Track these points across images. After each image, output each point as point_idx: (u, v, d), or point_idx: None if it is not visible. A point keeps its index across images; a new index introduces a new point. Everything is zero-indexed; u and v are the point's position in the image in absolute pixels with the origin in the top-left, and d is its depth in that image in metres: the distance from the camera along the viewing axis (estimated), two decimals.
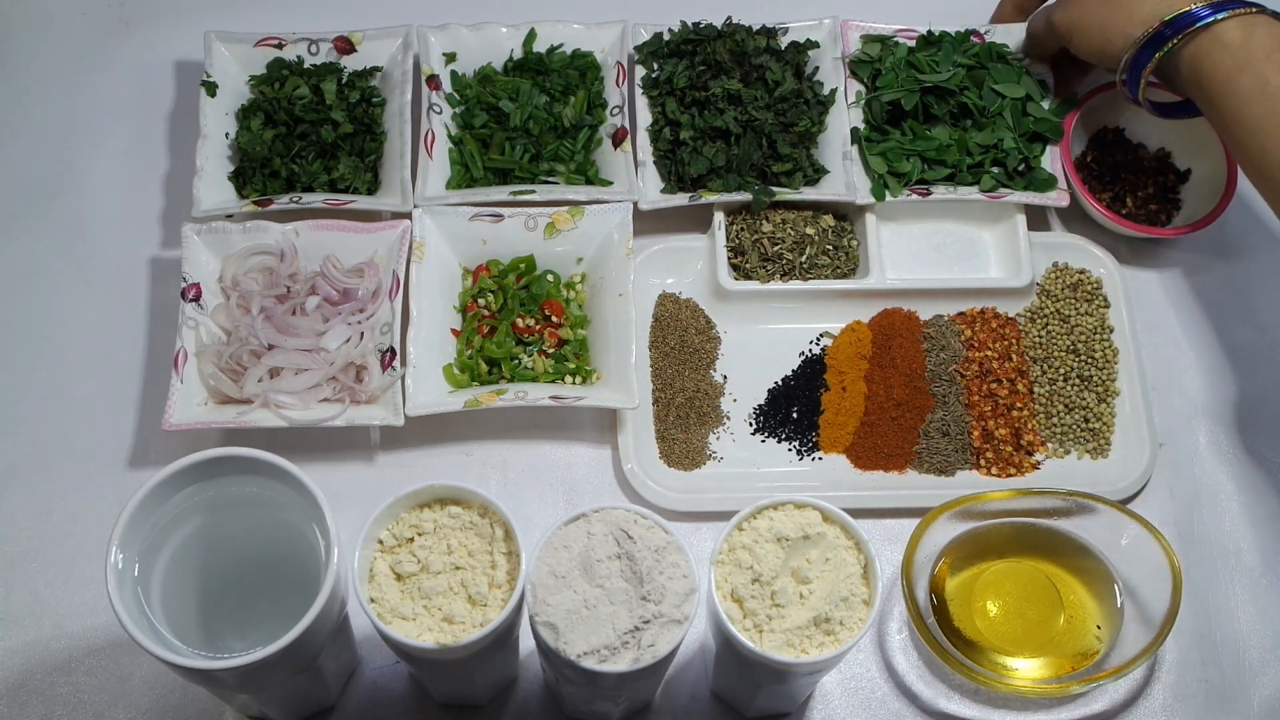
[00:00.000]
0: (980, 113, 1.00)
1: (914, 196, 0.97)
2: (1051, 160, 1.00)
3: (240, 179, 1.01)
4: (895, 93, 0.99)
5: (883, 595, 0.73)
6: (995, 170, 0.99)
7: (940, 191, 0.98)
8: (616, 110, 1.02)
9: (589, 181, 1.00)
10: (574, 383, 0.94)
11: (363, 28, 1.05)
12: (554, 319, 0.96)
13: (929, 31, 1.03)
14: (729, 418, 0.96)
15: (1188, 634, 0.89)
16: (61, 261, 1.01)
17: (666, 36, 1.05)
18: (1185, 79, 0.90)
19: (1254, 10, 0.88)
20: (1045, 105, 1.01)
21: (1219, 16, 0.87)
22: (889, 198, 0.97)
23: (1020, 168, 1.00)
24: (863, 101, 1.01)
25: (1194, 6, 0.88)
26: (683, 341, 0.97)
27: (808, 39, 1.05)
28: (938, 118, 1.00)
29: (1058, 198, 0.98)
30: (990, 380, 0.96)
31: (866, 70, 1.02)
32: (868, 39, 1.03)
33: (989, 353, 0.97)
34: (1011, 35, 1.04)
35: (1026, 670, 0.84)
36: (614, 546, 0.70)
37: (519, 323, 0.95)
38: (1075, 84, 1.04)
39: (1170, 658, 0.88)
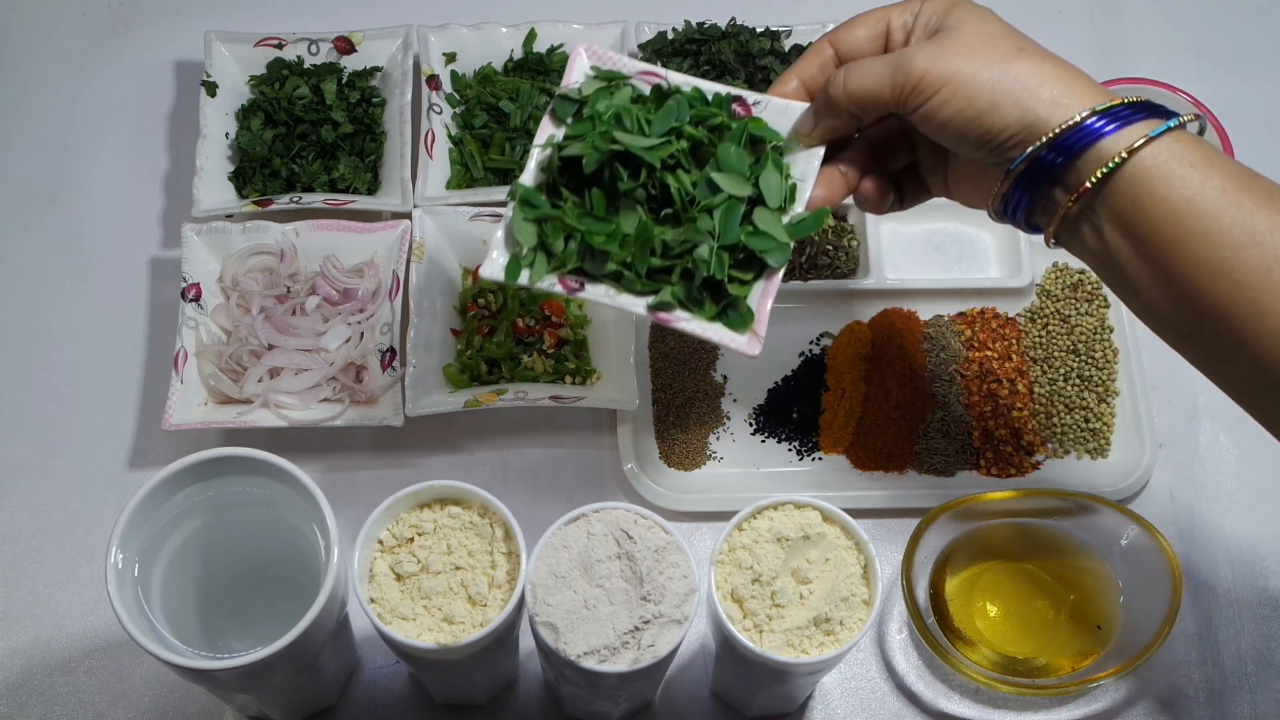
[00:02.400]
0: (685, 204, 0.69)
1: (559, 286, 0.69)
2: (759, 295, 0.69)
3: (240, 179, 1.01)
4: (581, 148, 0.69)
5: (883, 595, 0.73)
6: (676, 287, 0.68)
7: (596, 293, 0.69)
8: None
9: None
10: (574, 383, 0.94)
11: (363, 28, 1.05)
12: (554, 319, 0.96)
13: (667, 85, 0.72)
14: (729, 418, 0.96)
15: (1188, 634, 0.89)
16: (61, 261, 1.01)
17: (670, 35, 1.05)
18: (1121, 216, 0.61)
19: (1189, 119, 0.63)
20: (786, 218, 0.69)
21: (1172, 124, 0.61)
22: (524, 279, 0.69)
23: (712, 291, 0.69)
24: (548, 148, 0.72)
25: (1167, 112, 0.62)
26: (683, 341, 0.97)
27: (810, 43, 1.05)
28: (625, 195, 0.69)
29: (747, 344, 0.68)
30: (990, 380, 0.96)
31: (568, 110, 0.72)
32: (598, 73, 0.73)
33: (989, 353, 0.97)
34: (787, 115, 0.71)
35: (1027, 671, 0.84)
36: (614, 546, 0.70)
37: (519, 323, 0.95)
38: (880, 198, 0.72)
39: (1170, 658, 0.88)
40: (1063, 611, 0.86)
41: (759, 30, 1.05)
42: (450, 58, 1.05)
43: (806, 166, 0.70)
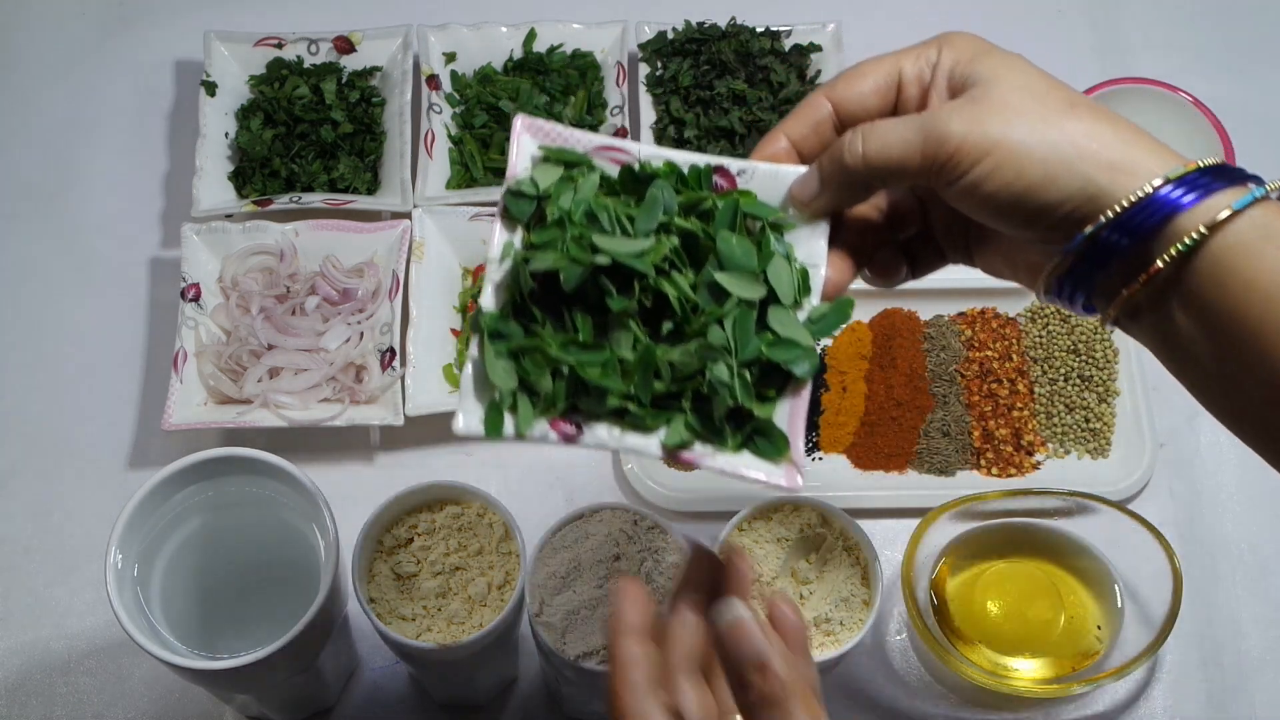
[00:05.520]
0: (686, 314, 0.55)
1: (553, 434, 0.56)
2: (788, 412, 0.56)
3: (240, 179, 1.01)
4: (555, 259, 0.55)
5: (883, 595, 0.73)
6: (690, 416, 0.56)
7: (598, 437, 0.57)
8: (616, 110, 1.02)
9: None
10: None
11: (363, 28, 1.05)
12: None
13: (640, 165, 0.57)
14: None
15: (1188, 634, 0.89)
16: (61, 261, 1.01)
17: (670, 35, 1.05)
18: (1207, 295, 0.51)
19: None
20: (803, 314, 0.57)
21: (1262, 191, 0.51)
22: (509, 430, 0.55)
23: (732, 415, 0.56)
24: (507, 260, 0.57)
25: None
26: None
27: (810, 42, 1.05)
28: (617, 314, 0.55)
29: (785, 477, 0.55)
30: (991, 380, 0.96)
31: (525, 210, 0.57)
32: (548, 154, 0.58)
33: (989, 353, 0.97)
34: (778, 182, 0.58)
35: (1027, 671, 0.84)
36: (614, 547, 0.70)
37: None
38: (892, 273, 0.62)
39: (1170, 658, 0.88)
40: (1063, 611, 0.86)
41: (759, 30, 1.05)
42: (450, 57, 1.05)
43: (812, 245, 0.58)
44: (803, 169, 0.58)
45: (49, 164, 1.05)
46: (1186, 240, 0.50)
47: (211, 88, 1.02)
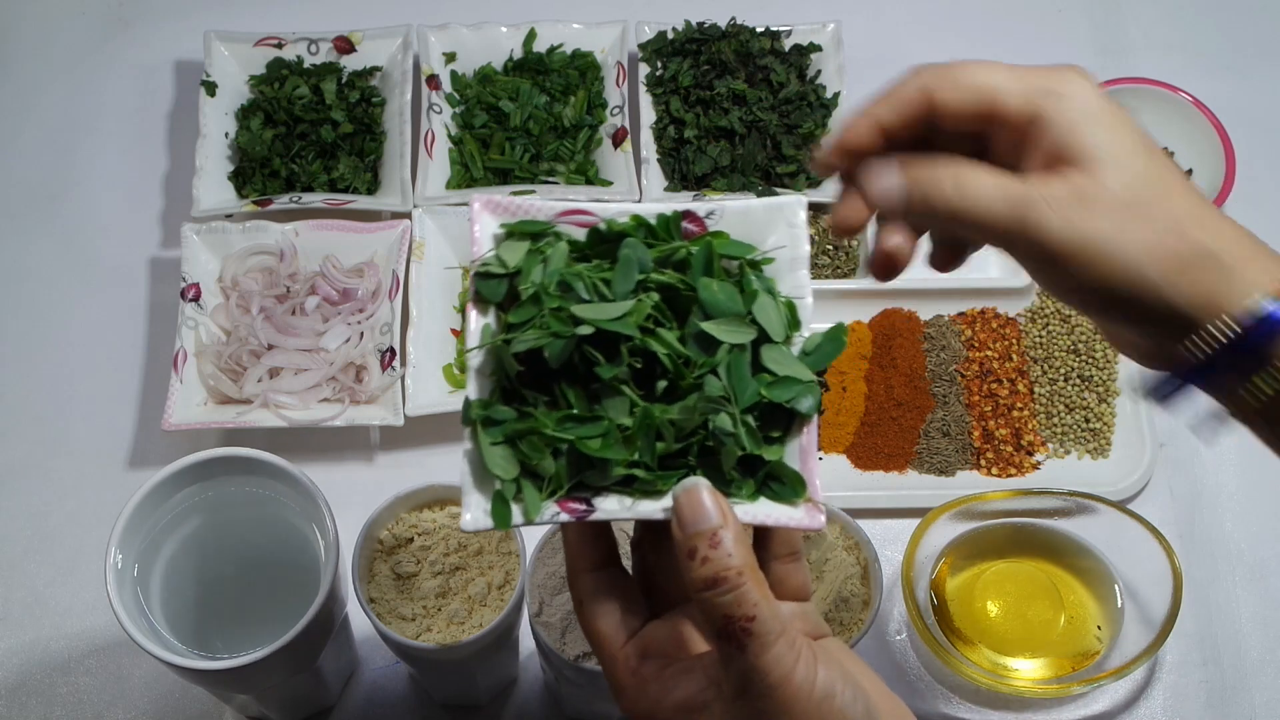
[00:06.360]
0: (679, 369, 0.53)
1: (564, 515, 0.53)
2: (799, 452, 0.55)
3: (240, 179, 1.01)
4: (536, 337, 0.53)
5: (883, 595, 0.73)
6: (699, 473, 0.53)
7: (609, 509, 0.53)
8: (616, 110, 1.02)
9: (589, 181, 1.00)
10: None
11: (363, 28, 1.05)
12: None
13: (605, 226, 0.56)
14: None
15: (1188, 634, 0.88)
16: (61, 261, 1.01)
17: (670, 35, 1.05)
18: None
19: None
20: (795, 348, 0.56)
21: None
22: (518, 519, 0.53)
23: (746, 464, 0.54)
24: (484, 342, 0.55)
25: None
26: None
27: (810, 42, 1.05)
28: (607, 381, 0.53)
29: (807, 517, 0.53)
30: (991, 380, 0.96)
31: (497, 291, 0.55)
32: (510, 231, 0.56)
33: (989, 353, 0.97)
34: (748, 219, 0.57)
35: (1027, 671, 0.84)
36: None
37: None
38: (891, 270, 0.58)
39: (1170, 658, 0.88)
40: (1063, 611, 0.86)
41: (759, 30, 1.05)
42: (450, 57, 1.05)
43: (794, 277, 0.57)
44: (773, 201, 0.56)
45: (49, 164, 1.05)
46: None
47: (211, 88, 1.02)
